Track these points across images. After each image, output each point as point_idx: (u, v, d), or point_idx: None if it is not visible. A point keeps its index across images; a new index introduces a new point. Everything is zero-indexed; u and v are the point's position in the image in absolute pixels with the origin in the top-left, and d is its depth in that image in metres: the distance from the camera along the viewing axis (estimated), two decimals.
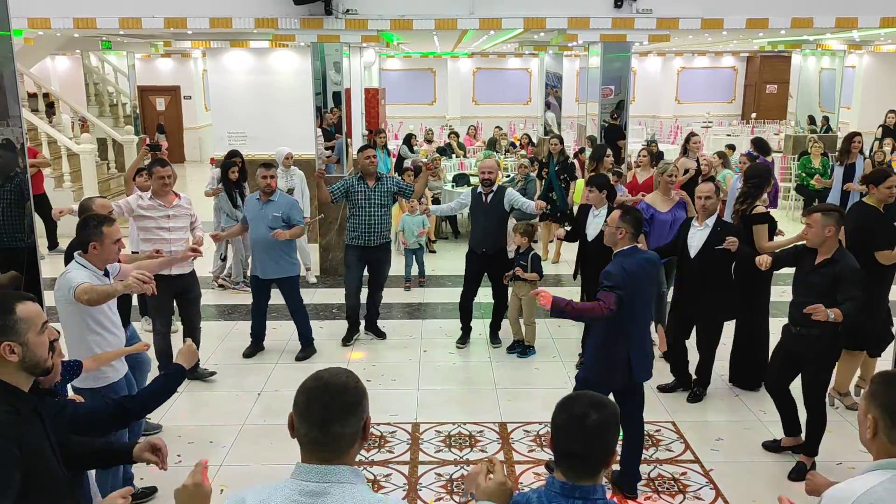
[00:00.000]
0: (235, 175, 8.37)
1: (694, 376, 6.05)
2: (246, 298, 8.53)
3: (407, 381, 6.38)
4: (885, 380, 2.18)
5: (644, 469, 4.90)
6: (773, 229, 5.95)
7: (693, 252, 5.68)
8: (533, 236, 6.92)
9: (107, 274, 4.15)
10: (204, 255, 5.89)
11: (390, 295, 8.79)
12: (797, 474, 4.82)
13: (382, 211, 7.02)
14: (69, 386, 3.74)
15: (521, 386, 6.31)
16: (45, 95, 13.73)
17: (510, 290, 7.02)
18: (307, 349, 6.82)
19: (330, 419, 1.87)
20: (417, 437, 5.38)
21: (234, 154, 8.58)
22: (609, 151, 8.25)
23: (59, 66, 18.99)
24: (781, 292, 8.58)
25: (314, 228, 9.69)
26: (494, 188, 6.90)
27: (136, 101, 16.55)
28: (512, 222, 7.38)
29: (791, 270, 5.08)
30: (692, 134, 9.06)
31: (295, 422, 1.92)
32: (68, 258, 4.34)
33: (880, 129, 14.02)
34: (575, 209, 8.32)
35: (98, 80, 15.84)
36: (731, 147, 15.14)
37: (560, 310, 4.21)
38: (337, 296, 8.61)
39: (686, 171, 8.09)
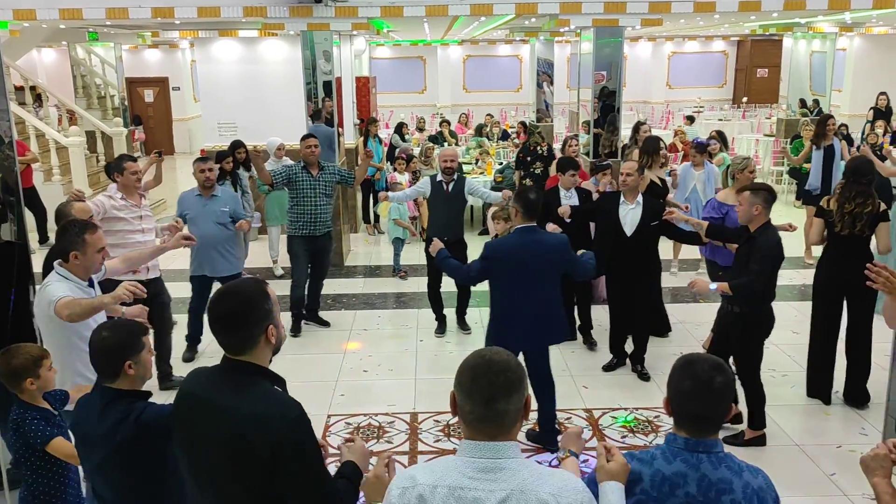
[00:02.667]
0: (229, 165, 8.33)
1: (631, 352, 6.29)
2: None
3: (404, 371, 6.35)
4: None
5: None
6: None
7: (629, 230, 5.91)
8: (508, 219, 6.93)
9: (91, 285, 3.85)
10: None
11: (384, 285, 8.78)
12: (734, 439, 5.02)
13: (326, 200, 7.02)
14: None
15: None
16: (33, 88, 13.59)
17: None
18: None
19: (495, 396, 1.91)
20: (416, 427, 5.36)
21: (236, 145, 8.58)
22: (663, 144, 7.71)
23: (45, 59, 18.81)
24: None
25: None
26: (455, 177, 6.94)
27: (125, 93, 16.40)
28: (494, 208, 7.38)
29: None
30: (640, 123, 8.96)
31: (459, 400, 1.96)
32: (47, 268, 4.03)
33: (871, 111, 14.03)
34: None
35: (85, 72, 15.67)
36: (691, 119, 15.28)
37: (440, 260, 5.00)
38: (332, 286, 8.57)
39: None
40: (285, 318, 7.29)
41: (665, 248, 8.87)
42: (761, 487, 2.20)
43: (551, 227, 5.95)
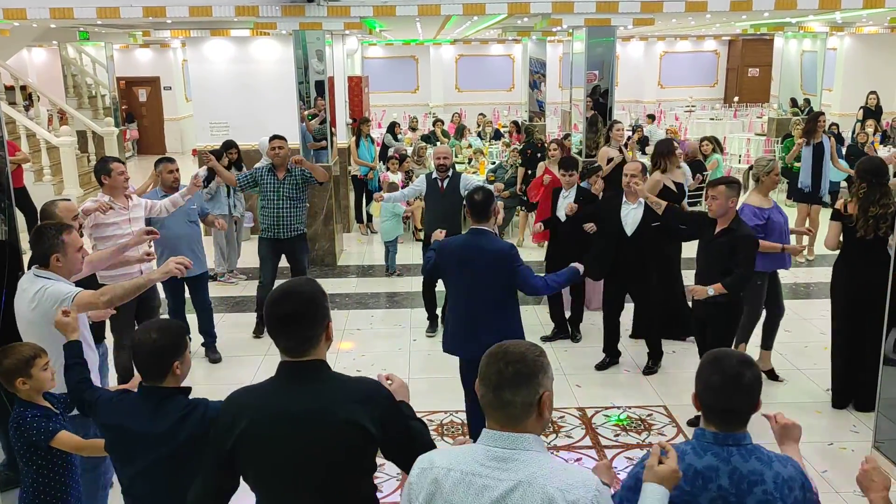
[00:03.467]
0: (225, 165, 8.33)
1: (647, 350, 6.34)
2: (231, 290, 8.48)
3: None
4: None
5: (637, 454, 4.91)
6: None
7: (630, 230, 5.97)
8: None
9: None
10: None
11: (377, 284, 8.77)
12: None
13: (291, 203, 6.85)
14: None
15: None
16: (23, 88, 13.53)
17: None
18: (215, 349, 6.56)
19: (502, 385, 1.95)
20: None
21: (229, 145, 8.55)
22: (676, 145, 7.41)
23: (36, 58, 18.71)
24: None
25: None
26: (450, 174, 6.96)
27: (115, 93, 16.35)
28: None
29: None
30: (614, 122, 8.85)
31: (477, 384, 2.02)
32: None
33: (861, 110, 14.10)
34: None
35: (76, 71, 15.62)
36: (651, 117, 15.43)
37: (428, 251, 4.93)
38: (324, 286, 8.52)
39: (610, 160, 8.05)
40: (251, 319, 7.22)
41: None
42: (791, 476, 2.23)
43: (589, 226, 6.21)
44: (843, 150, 11.43)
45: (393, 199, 7.75)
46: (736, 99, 21.63)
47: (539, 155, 10.12)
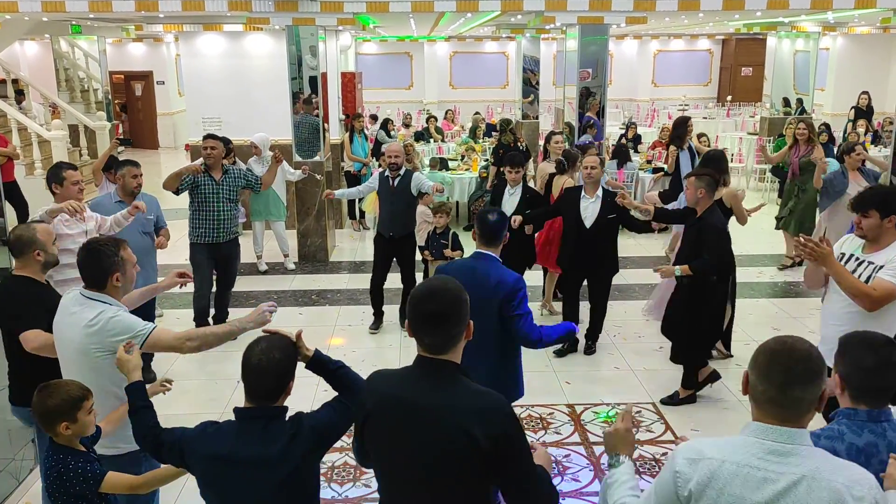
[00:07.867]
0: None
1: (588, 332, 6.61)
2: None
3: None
4: None
5: None
6: None
7: (588, 223, 6.23)
8: (449, 214, 6.97)
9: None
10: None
11: (368, 280, 8.72)
12: (671, 399, 5.62)
13: (230, 205, 6.66)
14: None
15: None
16: (15, 81, 13.46)
17: (429, 270, 7.12)
18: (150, 367, 6.16)
19: (791, 382, 1.94)
20: None
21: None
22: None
23: (28, 52, 18.63)
24: (758, 273, 8.69)
25: (293, 215, 9.63)
26: (402, 172, 6.95)
27: (108, 87, 16.28)
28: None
29: None
30: (553, 133, 8.58)
31: (751, 379, 2.01)
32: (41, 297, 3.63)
33: (853, 110, 14.17)
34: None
35: (69, 65, 15.54)
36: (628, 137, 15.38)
37: None
38: (316, 282, 8.59)
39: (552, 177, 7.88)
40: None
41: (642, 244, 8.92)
42: None
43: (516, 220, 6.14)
44: (835, 150, 11.49)
45: (345, 195, 7.89)
46: (729, 98, 21.68)
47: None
